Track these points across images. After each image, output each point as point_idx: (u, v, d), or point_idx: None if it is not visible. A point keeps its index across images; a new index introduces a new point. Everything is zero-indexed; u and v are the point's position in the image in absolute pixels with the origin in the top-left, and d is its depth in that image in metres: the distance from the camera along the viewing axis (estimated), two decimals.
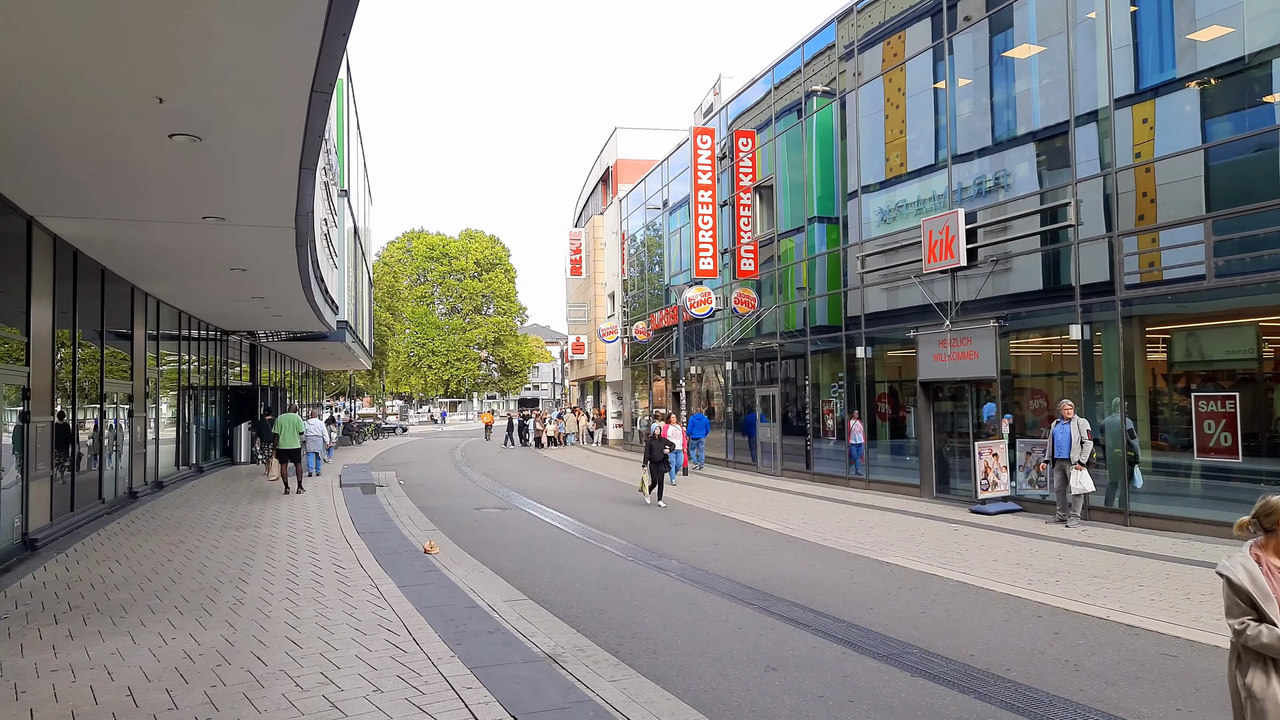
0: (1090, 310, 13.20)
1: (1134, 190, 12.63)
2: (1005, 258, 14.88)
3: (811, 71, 20.92)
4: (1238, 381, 11.57)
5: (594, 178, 45.94)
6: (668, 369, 30.45)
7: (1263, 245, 10.95)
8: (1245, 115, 11.33)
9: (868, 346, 18.61)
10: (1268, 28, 10.96)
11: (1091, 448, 12.39)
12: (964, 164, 15.95)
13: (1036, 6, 14.43)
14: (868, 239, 18.45)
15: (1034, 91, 14.62)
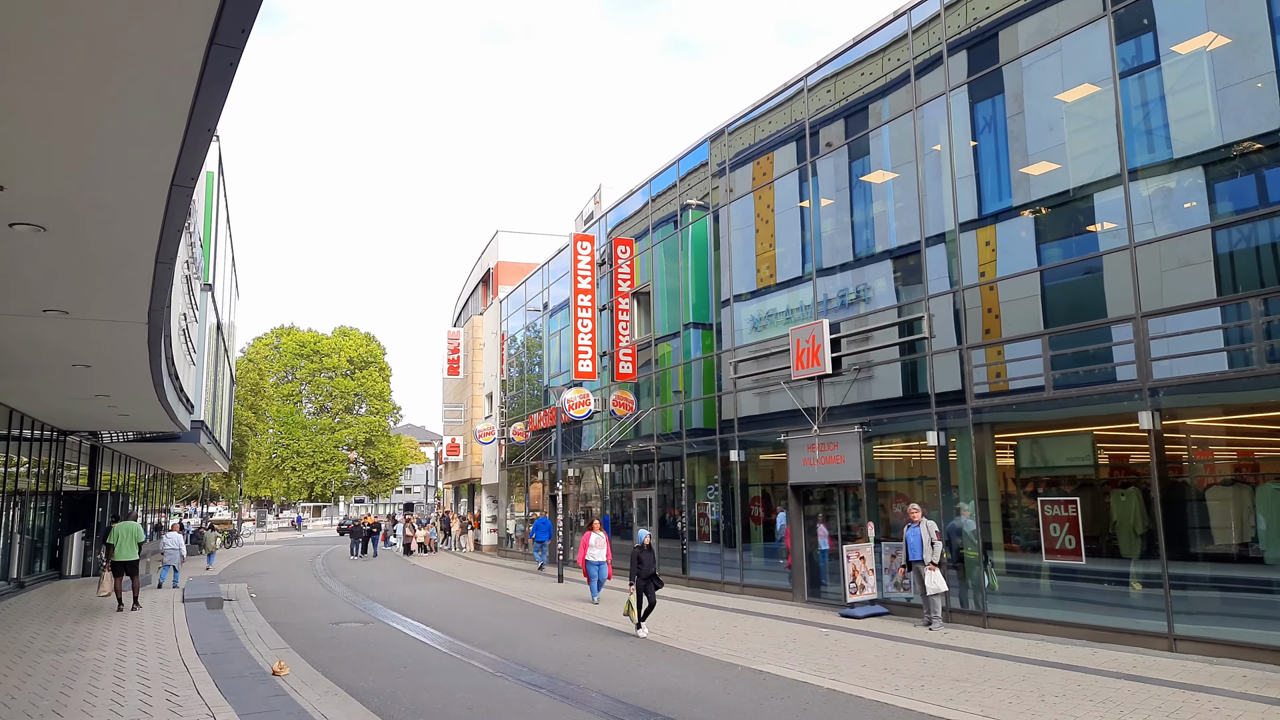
0: (945, 417, 13.94)
1: (980, 306, 13.62)
2: (868, 366, 15.63)
3: (687, 186, 21.89)
4: (1078, 486, 12.37)
5: (475, 278, 45.95)
6: (545, 471, 30.01)
7: (1093, 360, 11.95)
8: (1073, 242, 12.53)
9: (741, 449, 18.95)
10: (1088, 165, 12.27)
11: (941, 548, 12.92)
12: (828, 277, 16.85)
13: (890, 137, 15.70)
14: (740, 345, 19.05)
15: (890, 213, 15.74)
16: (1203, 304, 10.69)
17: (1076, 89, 12.42)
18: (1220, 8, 10.79)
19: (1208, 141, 10.92)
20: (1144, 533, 11.25)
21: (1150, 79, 11.58)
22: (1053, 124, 12.83)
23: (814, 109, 17.34)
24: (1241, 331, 10.35)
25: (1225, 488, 10.95)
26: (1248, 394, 10.59)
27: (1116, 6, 11.78)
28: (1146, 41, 11.61)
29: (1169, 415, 11.18)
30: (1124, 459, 12.08)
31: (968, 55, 14.08)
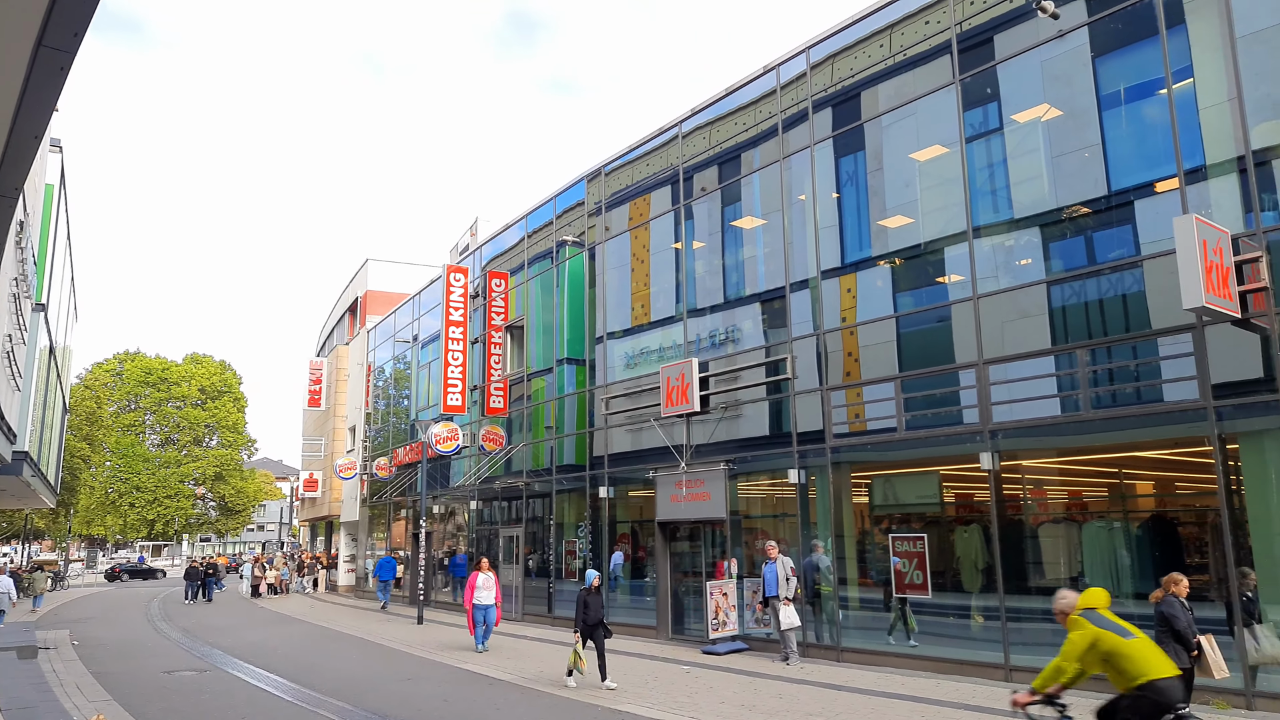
0: (806, 456, 14.38)
1: (841, 350, 14.19)
2: (735, 405, 15.97)
3: (564, 223, 21.96)
4: (926, 523, 12.98)
5: (341, 307, 44.35)
6: (409, 508, 29.00)
7: (941, 403, 12.64)
8: (925, 291, 13.28)
9: (610, 486, 18.91)
10: (938, 221, 13.08)
11: (796, 584, 13.25)
12: (700, 317, 17.20)
13: (760, 185, 16.28)
14: (613, 381, 19.11)
15: (759, 258, 16.26)
16: (1038, 353, 11.51)
17: (929, 149, 13.27)
18: (1054, 83, 11.81)
19: (1043, 204, 11.86)
20: (984, 567, 11.89)
21: (994, 143, 12.51)
22: (908, 181, 13.64)
23: (688, 154, 17.81)
24: (1072, 379, 11.19)
25: (1056, 525, 11.74)
26: (1076, 438, 11.43)
27: (964, 75, 12.71)
28: (991, 109, 12.56)
29: (1007, 456, 11.92)
30: (968, 497, 12.77)
31: (832, 112, 14.83)
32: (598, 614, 11.83)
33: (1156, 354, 10.52)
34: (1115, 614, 6.10)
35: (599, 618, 11.84)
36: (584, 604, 11.74)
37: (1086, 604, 5.91)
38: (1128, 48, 11.09)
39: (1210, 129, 10.23)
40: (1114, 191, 11.13)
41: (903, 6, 13.74)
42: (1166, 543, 10.75)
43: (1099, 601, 5.90)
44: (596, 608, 11.82)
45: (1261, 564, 9.47)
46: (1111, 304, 10.98)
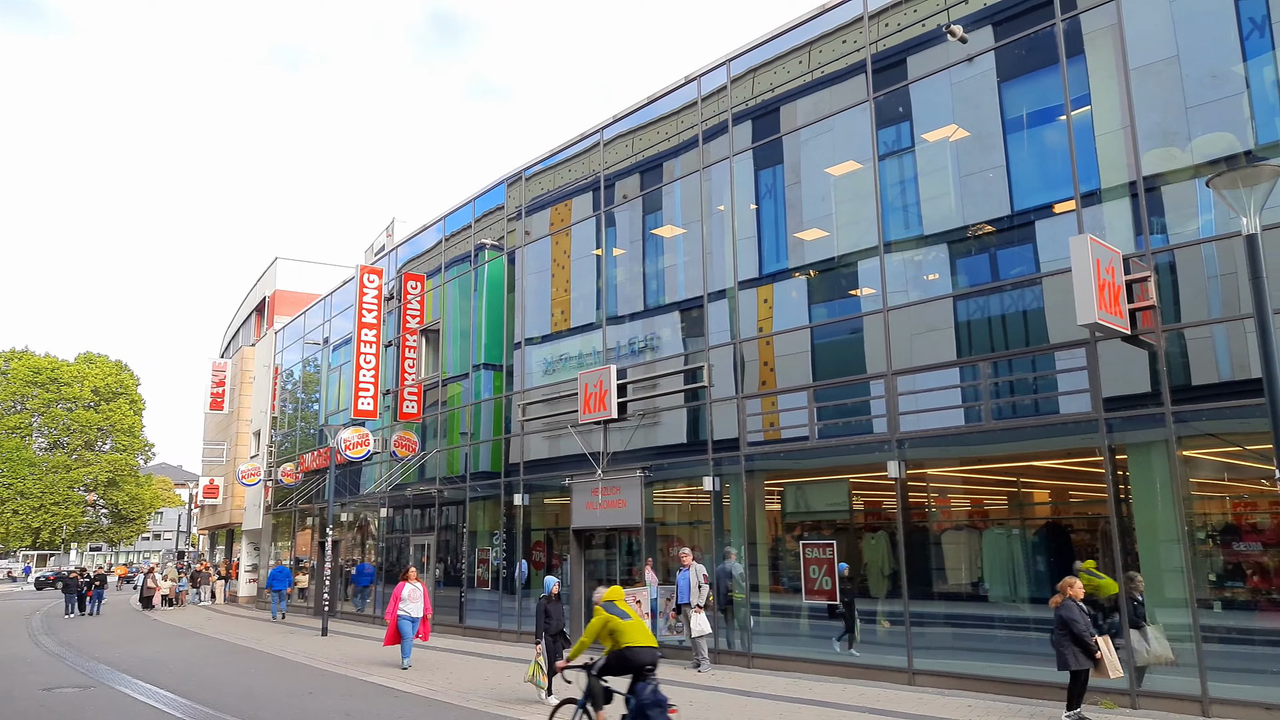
0: (721, 464, 14.50)
1: (757, 359, 14.37)
2: (653, 412, 15.99)
3: (483, 226, 21.67)
4: (836, 530, 13.23)
5: (248, 307, 42.76)
6: (316, 516, 28.08)
7: (852, 412, 12.92)
8: (838, 304, 13.57)
9: (526, 494, 18.69)
10: (851, 235, 13.40)
11: (708, 591, 13.33)
12: (619, 325, 17.18)
13: (681, 194, 16.39)
14: (531, 388, 18.92)
15: (679, 266, 16.36)
16: (943, 365, 11.88)
17: (844, 165, 13.60)
18: (963, 105, 12.26)
19: (951, 221, 12.27)
20: (890, 574, 12.18)
21: (906, 161, 12.89)
22: (824, 195, 13.94)
23: (610, 161, 17.81)
24: (975, 390, 11.59)
25: (959, 532, 12.12)
26: (979, 447, 11.84)
27: (878, 94, 13.08)
28: (904, 128, 12.94)
29: (914, 465, 12.25)
30: (876, 505, 13.07)
31: (752, 125, 15.05)
32: (560, 623, 11.33)
33: (1053, 367, 10.99)
34: (624, 608, 6.34)
35: (560, 627, 11.34)
36: (544, 613, 11.21)
37: (607, 598, 8.02)
38: (1031, 74, 11.59)
39: (1105, 155, 10.76)
40: (1016, 211, 11.60)
41: (820, 25, 14.06)
42: (1060, 549, 11.22)
43: (615, 595, 8.06)
44: (558, 616, 11.31)
45: (1147, 569, 9.96)
46: (1013, 319, 11.43)
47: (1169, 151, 10.28)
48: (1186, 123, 10.19)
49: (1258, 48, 9.73)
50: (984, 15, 12.00)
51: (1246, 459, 9.76)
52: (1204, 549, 9.79)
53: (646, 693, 7.46)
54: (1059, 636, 8.74)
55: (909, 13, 12.87)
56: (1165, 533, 9.88)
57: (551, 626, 11.16)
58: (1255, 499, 9.81)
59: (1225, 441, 9.87)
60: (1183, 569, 9.57)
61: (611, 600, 7.97)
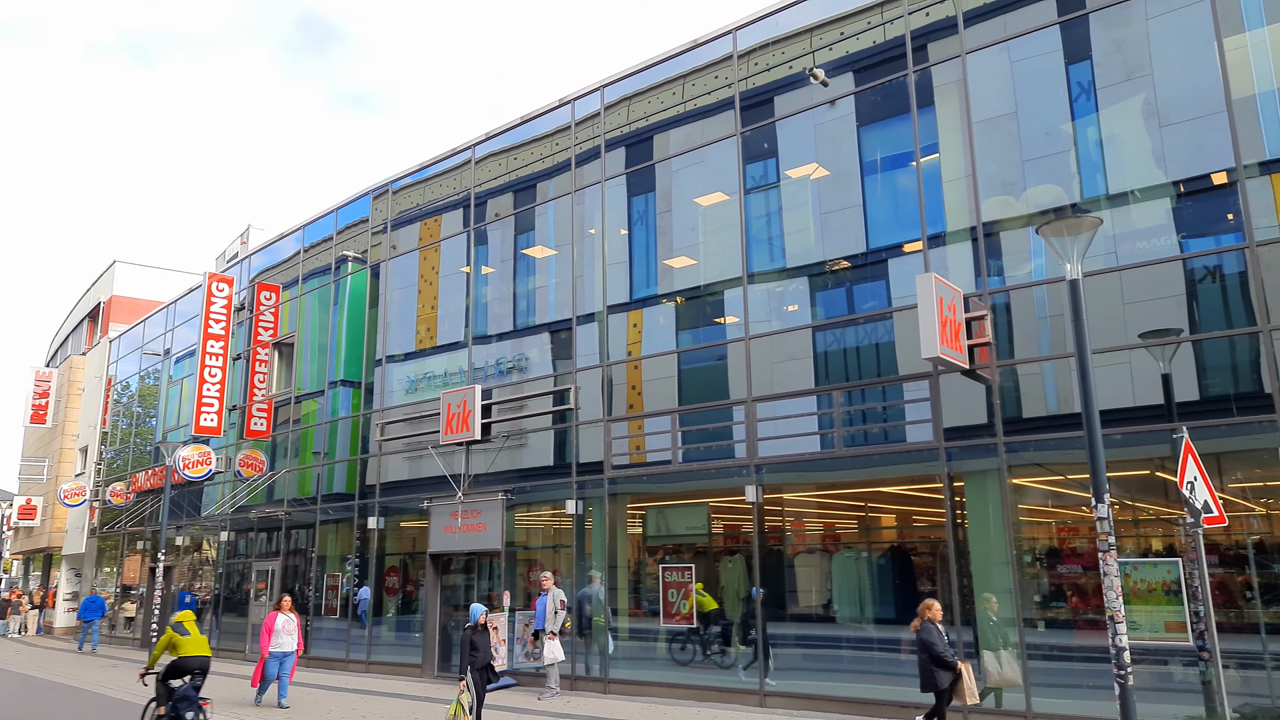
0: (585, 487, 14.43)
1: (625, 383, 14.44)
2: (518, 434, 15.76)
3: (346, 238, 20.90)
4: (695, 553, 13.39)
5: (80, 313, 39.46)
6: (148, 539, 26.04)
7: (714, 437, 13.16)
8: (703, 331, 13.84)
9: (381, 517, 17.98)
10: (718, 264, 13.72)
11: (565, 616, 13.16)
12: (487, 344, 16.89)
13: (553, 216, 16.35)
14: (392, 406, 18.29)
15: (550, 288, 16.27)
16: (801, 393, 12.30)
17: (712, 195, 13.95)
18: (825, 145, 12.83)
19: (811, 256, 12.78)
20: (745, 596, 12.42)
21: (771, 196, 13.36)
22: (692, 224, 14.24)
23: (482, 179, 17.59)
24: (830, 418, 12.04)
25: (811, 555, 12.51)
26: (831, 473, 12.29)
27: (745, 129, 13.52)
28: (770, 164, 13.41)
29: (771, 489, 12.58)
30: (734, 528, 13.33)
31: (625, 151, 15.23)
32: (487, 655, 10.39)
33: (900, 398, 11.57)
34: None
35: (489, 659, 10.44)
36: (470, 644, 10.20)
37: (176, 619, 10.08)
38: (887, 120, 12.28)
39: (950, 200, 11.51)
40: (871, 249, 12.21)
41: (693, 59, 14.44)
42: (904, 571, 11.76)
43: (185, 618, 10.14)
44: (485, 648, 10.34)
45: (979, 591, 10.55)
46: (866, 350, 11.97)
47: (1006, 200, 11.10)
48: (1022, 174, 11.04)
49: (1084, 109, 10.68)
50: (845, 62, 12.64)
51: (1068, 487, 10.55)
52: (1030, 571, 10.48)
53: (182, 690, 9.60)
54: (923, 660, 8.93)
55: (776, 54, 13.41)
56: (996, 556, 10.52)
57: (478, 659, 10.26)
58: (1076, 524, 10.60)
59: (1050, 470, 10.64)
60: (1011, 590, 10.20)
61: (180, 622, 10.04)
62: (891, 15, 12.28)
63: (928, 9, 11.95)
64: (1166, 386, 9.56)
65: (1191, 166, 9.93)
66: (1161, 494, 10.02)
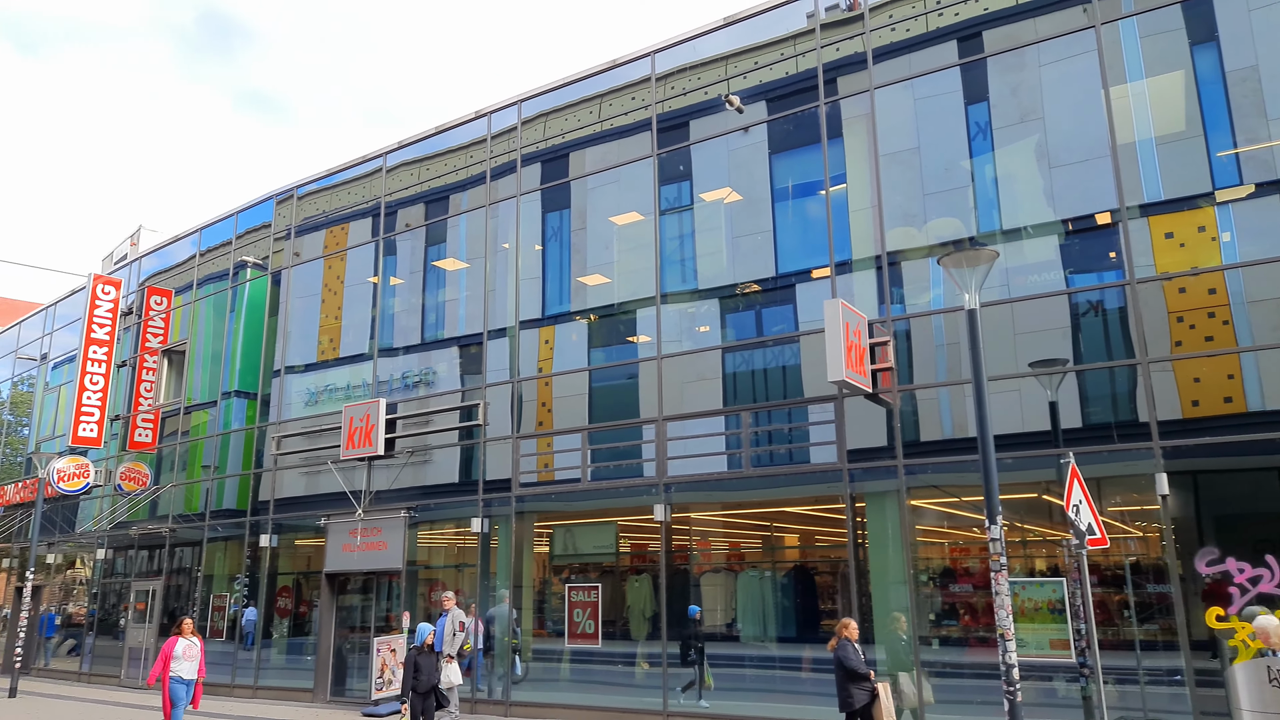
0: (491, 505, 14.18)
1: (535, 399, 14.29)
2: (423, 450, 15.38)
3: (246, 243, 20.10)
4: (602, 573, 13.31)
5: None
6: (15, 557, 24.25)
7: (624, 455, 13.14)
8: (616, 349, 13.85)
9: (275, 534, 17.23)
10: (631, 284, 13.77)
11: (464, 638, 12.82)
12: (393, 357, 16.47)
13: (466, 229, 16.12)
14: (290, 419, 17.60)
15: (461, 301, 16.01)
16: (710, 413, 12.42)
17: (627, 215, 14.02)
18: (738, 171, 13.08)
19: (723, 278, 12.97)
20: (651, 616, 12.40)
21: (685, 218, 13.51)
22: (607, 242, 14.27)
23: (393, 188, 17.22)
24: (738, 438, 12.19)
25: (716, 574, 12.60)
26: (738, 493, 12.43)
27: (661, 151, 13.66)
28: (684, 186, 13.58)
29: (679, 509, 12.63)
30: (642, 548, 13.32)
31: (541, 167, 15.18)
32: (430, 678, 9.86)
33: (806, 419, 11.81)
34: None
35: (433, 683, 9.91)
36: (414, 666, 9.66)
37: None
38: (798, 149, 12.61)
39: (857, 229, 11.87)
40: (780, 274, 12.48)
41: (611, 80, 14.54)
42: (805, 591, 11.96)
43: None
44: (429, 671, 9.79)
45: (878, 610, 10.82)
46: (774, 373, 12.20)
47: (908, 231, 11.52)
48: (923, 207, 11.49)
49: (981, 148, 11.21)
50: (759, 91, 12.94)
51: (962, 509, 10.96)
52: (925, 590, 10.81)
53: None
54: (840, 678, 8.93)
55: (693, 79, 13.62)
56: (894, 575, 10.81)
57: (421, 683, 9.70)
58: (967, 545, 11.01)
59: (946, 493, 11.03)
60: (908, 609, 10.50)
61: None
62: (804, 48, 12.66)
63: (838, 44, 12.36)
64: (1053, 413, 10.06)
65: (1078, 206, 10.53)
66: (1047, 516, 10.52)
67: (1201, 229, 9.83)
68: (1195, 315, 9.58)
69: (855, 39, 12.22)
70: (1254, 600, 8.59)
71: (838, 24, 12.43)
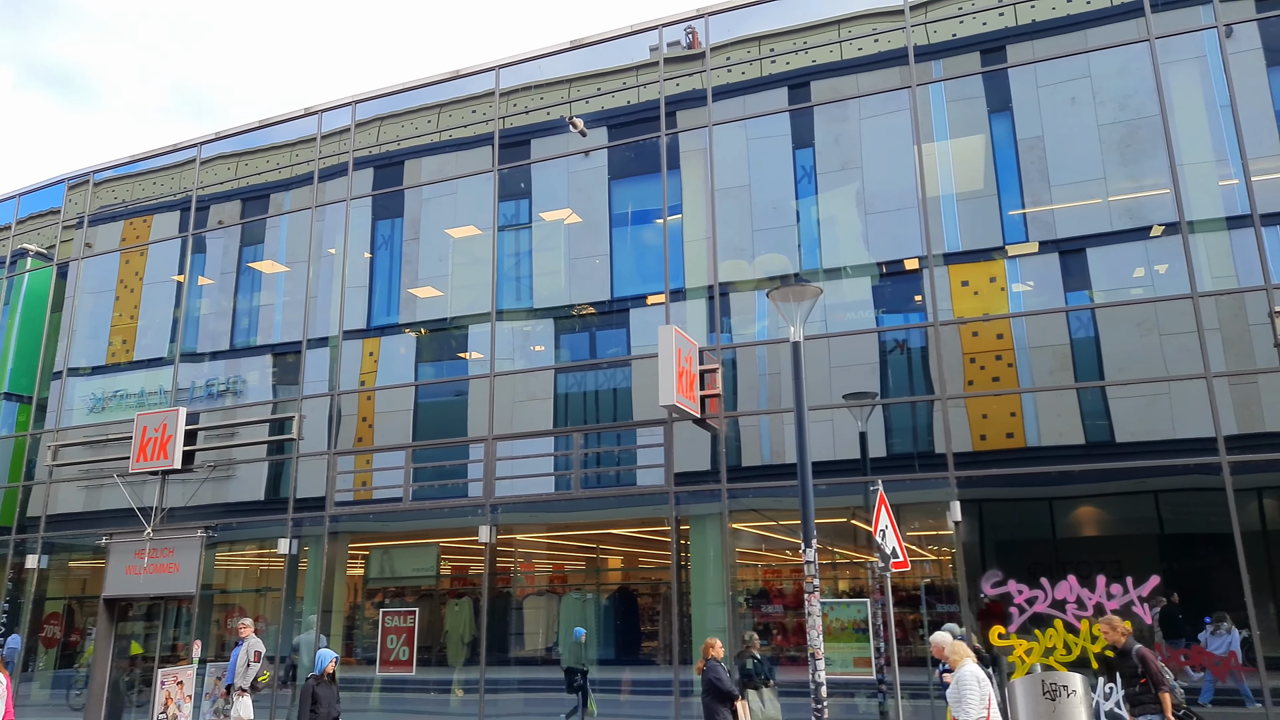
0: (301, 525, 13.35)
1: (356, 414, 13.63)
2: (229, 464, 14.29)
3: (29, 228, 18.02)
4: (420, 597, 12.83)
5: None
6: None
7: (449, 475, 12.78)
8: (446, 364, 13.48)
9: (45, 554, 15.39)
10: (466, 298, 13.48)
11: (260, 669, 11.92)
12: (198, 363, 15.24)
13: (288, 230, 15.22)
14: (71, 426, 15.84)
15: (277, 307, 15.05)
16: (541, 433, 12.33)
17: (465, 228, 13.75)
18: (578, 194, 13.15)
19: (559, 299, 12.96)
20: (470, 640, 12.07)
21: (523, 236, 13.42)
22: (442, 255, 13.91)
23: (207, 181, 16.02)
24: (567, 459, 12.16)
25: (539, 597, 12.46)
26: (566, 514, 12.38)
27: (503, 166, 13.53)
28: (524, 204, 13.49)
29: (504, 530, 12.42)
30: (464, 570, 12.97)
31: (374, 173, 14.61)
32: (331, 710, 9.02)
33: (635, 442, 11.97)
34: None
35: (334, 715, 9.05)
36: (312, 698, 8.82)
37: None
38: (638, 177, 12.86)
39: (691, 259, 12.23)
40: (616, 298, 12.63)
41: (452, 90, 14.27)
42: (628, 612, 12.06)
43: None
44: (330, 703, 8.95)
45: (697, 630, 11.07)
46: (605, 395, 12.29)
47: (739, 264, 12.00)
48: (753, 242, 12.01)
49: (806, 190, 11.88)
50: (603, 116, 13.11)
51: (778, 532, 11.45)
52: (740, 611, 11.18)
53: None
54: (708, 699, 8.90)
55: (536, 98, 13.61)
56: (714, 596, 11.12)
57: (320, 715, 8.89)
58: (780, 567, 11.51)
59: (765, 516, 11.49)
60: (725, 629, 10.81)
61: None
62: (646, 79, 12.96)
63: (679, 80, 12.75)
64: (863, 443, 10.73)
65: (890, 251, 11.37)
66: (852, 540, 11.18)
67: (993, 279, 10.86)
68: (985, 357, 10.55)
69: (696, 76, 12.65)
70: (1029, 619, 9.50)
71: (680, 60, 12.83)
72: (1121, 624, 7.89)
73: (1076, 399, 10.12)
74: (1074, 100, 10.77)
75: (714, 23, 12.63)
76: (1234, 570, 8.99)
